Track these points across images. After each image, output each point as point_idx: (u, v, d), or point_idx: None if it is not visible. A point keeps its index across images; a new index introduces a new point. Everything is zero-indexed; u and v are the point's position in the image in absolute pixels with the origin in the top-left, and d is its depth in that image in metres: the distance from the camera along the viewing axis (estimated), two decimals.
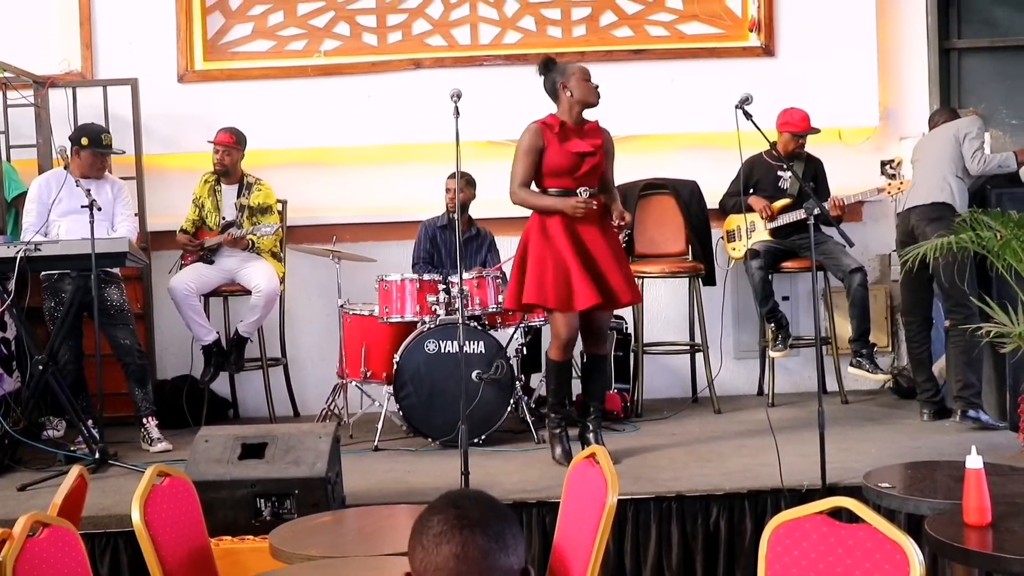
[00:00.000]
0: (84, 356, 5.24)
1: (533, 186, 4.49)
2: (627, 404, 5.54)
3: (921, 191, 5.23)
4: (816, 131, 5.67)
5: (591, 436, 4.58)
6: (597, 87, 4.47)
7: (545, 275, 4.37)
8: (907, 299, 5.39)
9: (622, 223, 4.53)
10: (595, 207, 4.41)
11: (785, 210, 5.72)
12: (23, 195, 5.54)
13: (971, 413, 4.95)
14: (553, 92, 4.49)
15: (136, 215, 5.63)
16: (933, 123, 5.54)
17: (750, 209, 5.78)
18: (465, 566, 1.47)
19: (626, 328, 5.83)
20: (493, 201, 5.91)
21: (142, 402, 5.24)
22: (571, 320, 4.42)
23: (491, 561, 1.48)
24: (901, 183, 5.47)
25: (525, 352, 5.33)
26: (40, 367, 4.66)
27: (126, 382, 5.25)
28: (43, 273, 5.12)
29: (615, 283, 4.43)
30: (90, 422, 4.88)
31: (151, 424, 5.21)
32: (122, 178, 5.62)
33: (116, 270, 5.25)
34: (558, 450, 4.56)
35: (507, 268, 5.69)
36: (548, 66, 4.51)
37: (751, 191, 5.82)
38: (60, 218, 5.20)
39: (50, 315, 5.19)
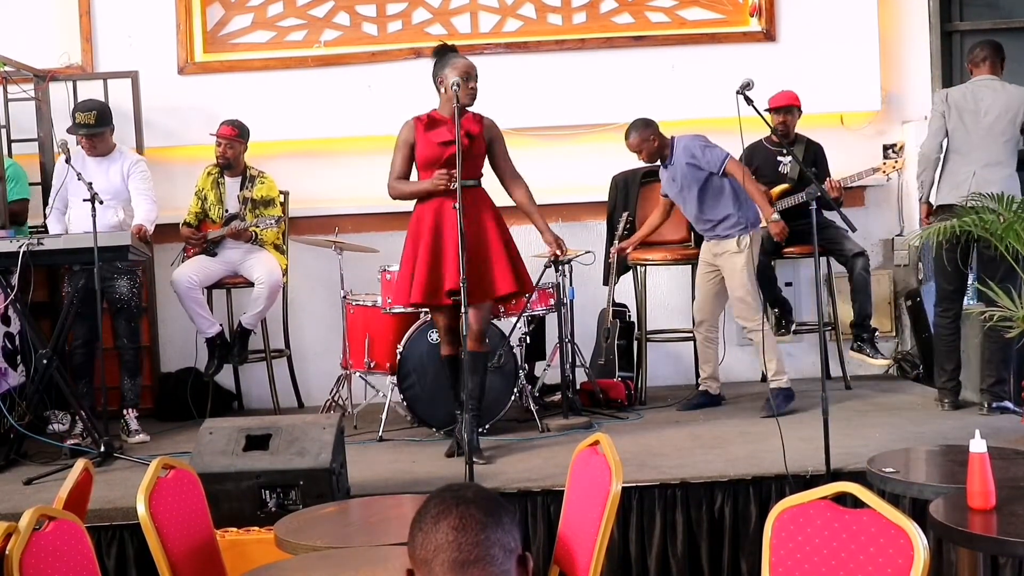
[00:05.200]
0: (96, 340, 5.22)
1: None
2: (631, 392, 5.54)
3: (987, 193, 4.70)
4: (798, 106, 5.60)
5: (461, 439, 4.37)
6: (473, 88, 4.39)
7: (405, 270, 4.47)
8: (944, 290, 5.08)
9: (557, 253, 4.61)
10: (449, 180, 4.33)
11: (784, 195, 5.71)
12: (24, 200, 5.58)
13: (996, 405, 4.88)
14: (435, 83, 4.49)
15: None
16: (973, 65, 5.08)
17: None
18: (464, 536, 1.50)
19: (629, 316, 5.83)
20: (490, 190, 5.89)
21: (128, 392, 5.36)
22: (438, 313, 4.51)
23: (488, 533, 1.52)
24: (896, 162, 5.48)
25: (529, 341, 5.33)
26: (44, 361, 4.67)
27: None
28: None
29: (486, 274, 4.41)
30: (89, 411, 4.91)
31: (131, 416, 5.32)
32: None
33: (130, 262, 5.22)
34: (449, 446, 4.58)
35: None
36: (438, 54, 4.49)
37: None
38: (70, 208, 5.30)
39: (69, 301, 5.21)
